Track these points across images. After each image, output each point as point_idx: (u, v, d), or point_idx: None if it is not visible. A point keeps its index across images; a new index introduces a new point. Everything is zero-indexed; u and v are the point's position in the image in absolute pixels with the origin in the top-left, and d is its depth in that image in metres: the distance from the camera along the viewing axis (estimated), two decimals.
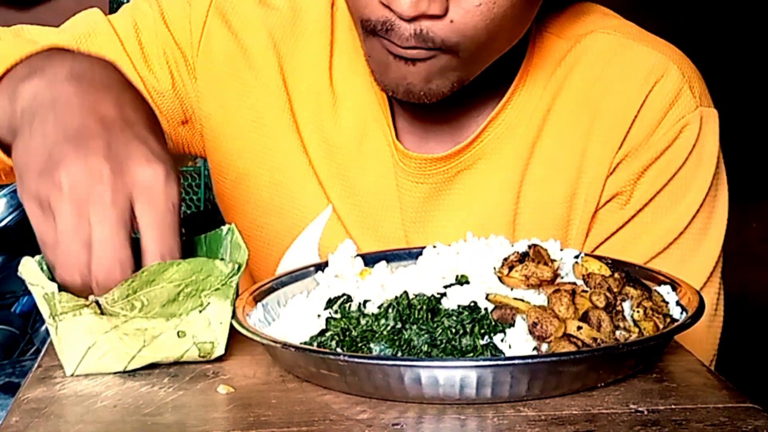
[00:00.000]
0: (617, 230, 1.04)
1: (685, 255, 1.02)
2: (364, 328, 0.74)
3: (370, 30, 0.91)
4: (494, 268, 0.79)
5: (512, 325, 0.73)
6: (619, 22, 1.07)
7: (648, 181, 1.02)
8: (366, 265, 0.84)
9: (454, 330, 0.73)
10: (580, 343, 0.71)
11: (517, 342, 0.72)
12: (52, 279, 0.81)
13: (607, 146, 1.03)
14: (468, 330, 0.73)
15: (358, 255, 0.85)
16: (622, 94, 1.03)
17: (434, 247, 0.85)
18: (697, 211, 1.03)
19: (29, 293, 1.43)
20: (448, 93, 0.94)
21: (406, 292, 0.75)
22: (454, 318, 0.73)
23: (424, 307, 0.74)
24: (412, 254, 0.89)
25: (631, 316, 0.75)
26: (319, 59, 1.05)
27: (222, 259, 0.81)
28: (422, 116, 1.04)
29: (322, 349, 0.73)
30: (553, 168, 1.04)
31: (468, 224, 1.01)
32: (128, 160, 0.75)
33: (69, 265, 0.74)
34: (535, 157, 1.04)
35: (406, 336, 0.73)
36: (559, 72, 1.04)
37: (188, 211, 2.61)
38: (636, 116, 1.02)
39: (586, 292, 0.76)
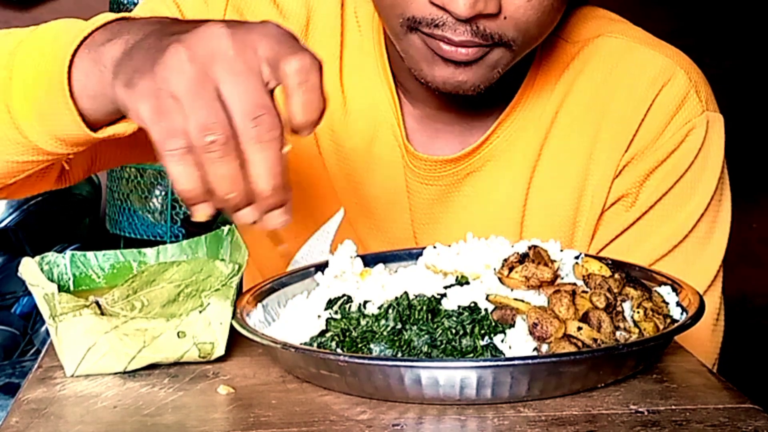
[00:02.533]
0: (622, 232, 1.04)
1: (689, 258, 1.02)
2: (364, 328, 0.74)
3: (411, 27, 0.91)
4: (494, 269, 0.79)
5: (512, 325, 0.73)
6: (627, 26, 1.08)
7: (654, 184, 1.02)
8: (366, 265, 0.84)
9: (454, 331, 0.73)
10: (580, 344, 0.71)
11: (517, 342, 0.72)
12: (52, 279, 0.81)
13: (614, 149, 1.03)
14: (468, 330, 0.73)
15: (358, 255, 0.85)
16: (629, 97, 1.03)
17: (434, 247, 0.85)
18: (702, 214, 1.03)
19: (29, 294, 1.43)
20: (494, 82, 0.95)
21: (406, 293, 0.75)
22: (455, 319, 0.73)
23: (424, 307, 0.74)
24: (412, 254, 0.89)
25: (632, 317, 0.75)
26: (330, 60, 1.05)
27: (222, 260, 0.81)
28: (432, 117, 1.04)
29: (322, 350, 0.73)
30: (561, 170, 1.04)
31: (476, 226, 1.01)
32: (247, 24, 0.70)
33: (204, 126, 0.66)
34: (543, 159, 1.04)
35: (406, 337, 0.73)
36: (567, 75, 1.04)
37: (188, 212, 2.61)
38: (643, 119, 1.02)
39: (586, 292, 0.76)
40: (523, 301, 0.75)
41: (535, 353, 0.72)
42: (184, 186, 0.68)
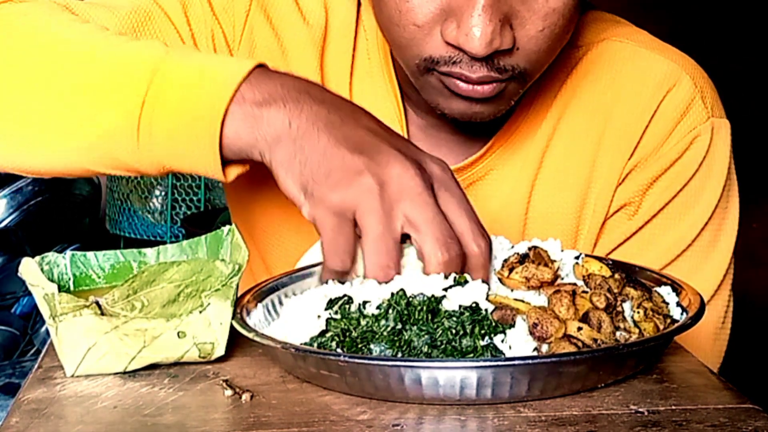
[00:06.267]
0: (624, 241, 1.03)
1: (693, 267, 1.01)
2: (365, 328, 0.74)
3: (428, 68, 0.90)
4: (494, 270, 0.79)
5: (512, 325, 0.73)
6: (632, 29, 1.06)
7: (657, 192, 1.01)
8: None
9: (454, 331, 0.72)
10: (580, 344, 0.71)
11: (517, 343, 0.72)
12: (52, 279, 0.81)
13: (618, 156, 1.02)
14: (468, 331, 0.73)
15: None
16: (633, 103, 1.02)
17: None
18: (706, 223, 1.01)
19: (29, 294, 1.42)
20: (507, 108, 0.95)
21: (405, 293, 0.75)
22: (455, 319, 0.73)
23: (425, 308, 0.74)
24: None
25: (632, 317, 0.75)
26: (343, 64, 1.04)
27: (222, 260, 0.81)
28: (436, 127, 1.03)
29: (322, 350, 0.73)
30: (563, 177, 1.03)
31: None
32: (418, 157, 0.78)
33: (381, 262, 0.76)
34: (545, 166, 1.03)
35: (407, 337, 0.73)
36: (571, 81, 1.03)
37: (188, 212, 2.61)
38: (647, 126, 1.01)
39: (586, 293, 0.76)
40: (523, 301, 0.75)
41: (535, 353, 0.72)
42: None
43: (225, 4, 1.03)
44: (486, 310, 0.74)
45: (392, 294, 0.75)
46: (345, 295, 0.78)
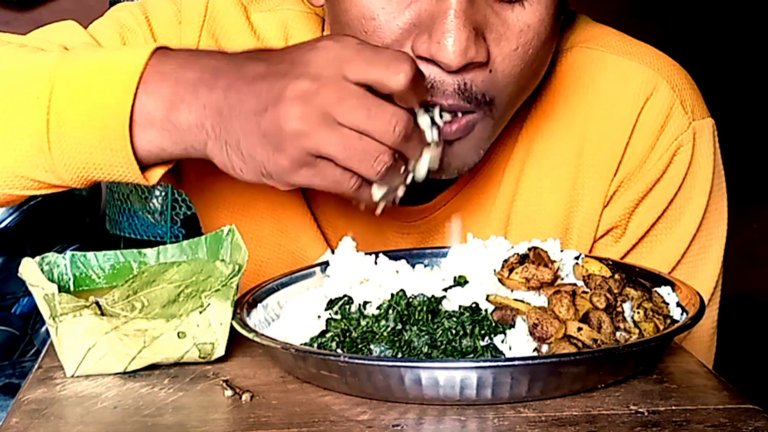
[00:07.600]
0: None
1: (686, 279, 0.95)
2: (365, 329, 0.74)
3: None
4: (494, 270, 0.79)
5: (513, 326, 0.73)
6: (599, 30, 1.00)
7: (642, 213, 0.98)
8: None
9: (454, 331, 0.73)
10: (580, 344, 0.71)
11: (517, 343, 0.72)
12: (52, 280, 0.81)
13: (601, 175, 0.97)
14: (468, 331, 0.73)
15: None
16: (610, 117, 0.96)
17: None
18: (695, 234, 0.98)
19: (29, 294, 1.42)
20: (478, 161, 0.90)
21: (405, 293, 0.75)
22: (455, 319, 0.73)
23: (425, 308, 0.74)
24: (413, 255, 0.89)
25: (632, 317, 0.75)
26: None
27: (222, 260, 0.81)
28: None
29: (322, 351, 0.73)
30: (541, 203, 0.98)
31: None
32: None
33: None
34: (521, 194, 0.98)
35: (407, 337, 0.73)
36: (542, 98, 0.97)
37: (188, 212, 2.61)
38: (628, 142, 0.96)
39: (586, 293, 0.76)
40: (523, 301, 0.75)
41: (535, 354, 0.72)
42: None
43: (171, 37, 0.99)
44: (486, 310, 0.74)
45: (392, 294, 0.75)
46: (345, 296, 0.78)
